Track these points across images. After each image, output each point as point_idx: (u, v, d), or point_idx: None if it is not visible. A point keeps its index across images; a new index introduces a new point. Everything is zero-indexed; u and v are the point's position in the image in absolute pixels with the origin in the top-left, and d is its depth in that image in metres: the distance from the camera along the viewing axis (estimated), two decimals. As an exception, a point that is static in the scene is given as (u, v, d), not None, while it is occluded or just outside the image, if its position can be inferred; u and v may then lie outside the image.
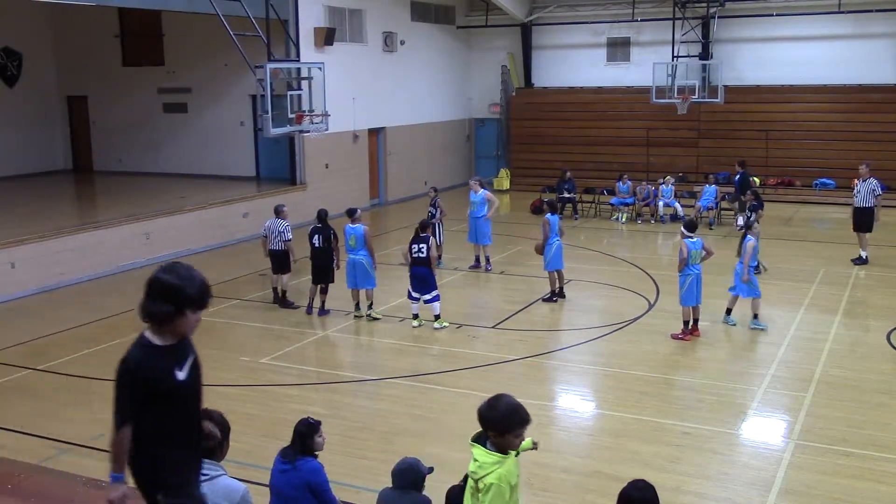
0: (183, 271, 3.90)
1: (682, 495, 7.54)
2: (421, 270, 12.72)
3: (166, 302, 3.81)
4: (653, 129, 26.25)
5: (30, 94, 25.63)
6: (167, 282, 3.83)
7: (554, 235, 13.92)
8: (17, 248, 15.20)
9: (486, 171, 28.54)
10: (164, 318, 3.83)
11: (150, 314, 3.85)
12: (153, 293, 3.83)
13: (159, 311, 3.82)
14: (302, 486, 5.44)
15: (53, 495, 6.58)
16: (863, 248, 16.61)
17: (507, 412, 4.33)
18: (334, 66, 19.16)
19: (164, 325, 3.87)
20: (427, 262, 12.68)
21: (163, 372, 3.89)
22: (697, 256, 12.04)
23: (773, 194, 24.88)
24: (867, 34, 24.56)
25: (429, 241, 12.73)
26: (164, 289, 3.82)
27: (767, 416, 9.53)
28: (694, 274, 12.01)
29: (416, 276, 12.77)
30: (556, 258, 14.00)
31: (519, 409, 4.35)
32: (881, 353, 11.53)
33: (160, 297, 3.82)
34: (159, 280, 3.85)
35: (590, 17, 27.41)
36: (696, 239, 12.13)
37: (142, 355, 3.87)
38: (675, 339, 12.10)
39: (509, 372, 10.93)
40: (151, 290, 3.84)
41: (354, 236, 13.09)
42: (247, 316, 13.76)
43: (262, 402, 10.01)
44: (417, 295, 12.81)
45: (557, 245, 13.97)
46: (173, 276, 3.86)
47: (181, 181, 23.58)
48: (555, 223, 13.99)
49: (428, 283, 12.76)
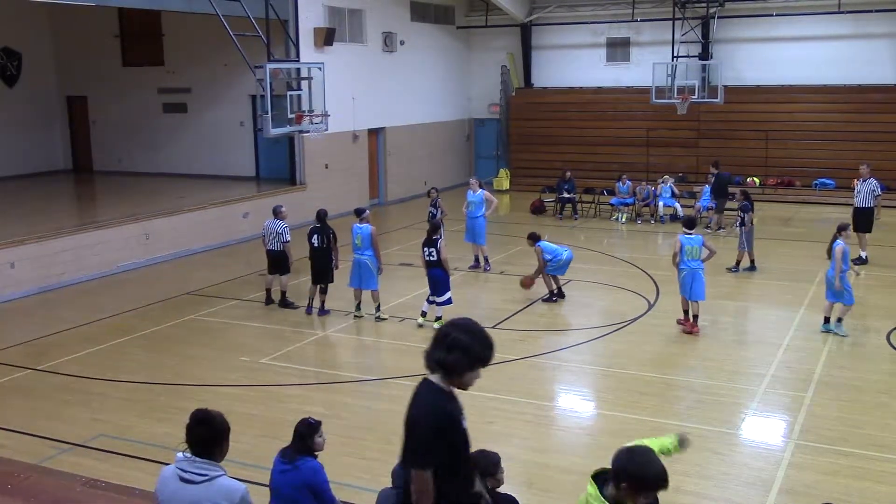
0: (476, 330, 4.18)
1: (681, 495, 7.54)
2: (435, 272, 12.66)
3: (464, 356, 4.09)
4: (653, 130, 26.26)
5: (30, 94, 25.63)
6: (462, 340, 4.10)
7: (556, 252, 13.93)
8: (17, 248, 15.20)
9: (485, 171, 28.53)
10: (460, 371, 4.12)
11: (445, 365, 4.12)
12: (449, 347, 4.09)
13: (457, 364, 4.10)
14: (302, 486, 5.44)
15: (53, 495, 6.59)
16: (863, 248, 16.61)
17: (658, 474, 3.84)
18: (334, 66, 19.16)
19: (454, 377, 4.15)
20: (439, 263, 12.63)
21: (459, 417, 4.24)
22: (694, 252, 12.18)
23: (772, 194, 24.93)
24: (867, 34, 24.56)
25: (438, 244, 12.65)
26: (458, 343, 4.09)
27: (767, 416, 9.53)
28: (689, 269, 12.16)
29: (430, 278, 12.71)
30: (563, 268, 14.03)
31: (664, 475, 3.87)
32: (881, 353, 11.53)
33: (456, 349, 4.08)
34: (454, 337, 4.10)
35: (589, 17, 27.41)
36: (694, 235, 12.30)
37: (448, 403, 4.19)
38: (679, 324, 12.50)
39: (509, 372, 10.92)
40: (447, 344, 4.10)
41: (361, 236, 13.09)
42: (247, 316, 13.76)
43: (262, 402, 10.00)
44: (433, 298, 12.78)
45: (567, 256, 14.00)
46: (466, 335, 4.12)
47: (181, 181, 23.59)
48: (547, 247, 14.01)
49: (440, 285, 12.67)
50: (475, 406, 9.82)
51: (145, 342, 12.46)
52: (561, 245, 14.41)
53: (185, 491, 4.23)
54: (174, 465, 4.32)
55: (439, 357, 4.11)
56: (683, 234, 12.31)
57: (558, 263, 13.91)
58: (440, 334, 4.16)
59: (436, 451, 4.10)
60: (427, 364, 4.20)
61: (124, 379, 10.83)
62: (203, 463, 4.25)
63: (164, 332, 12.92)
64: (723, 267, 16.12)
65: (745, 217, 16.00)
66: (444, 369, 4.12)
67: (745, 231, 15.94)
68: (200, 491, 4.21)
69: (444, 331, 4.15)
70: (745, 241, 15.96)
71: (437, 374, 4.17)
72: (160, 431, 9.00)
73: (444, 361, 4.09)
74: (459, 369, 4.10)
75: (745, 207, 16.23)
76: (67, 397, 10.26)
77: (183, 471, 4.26)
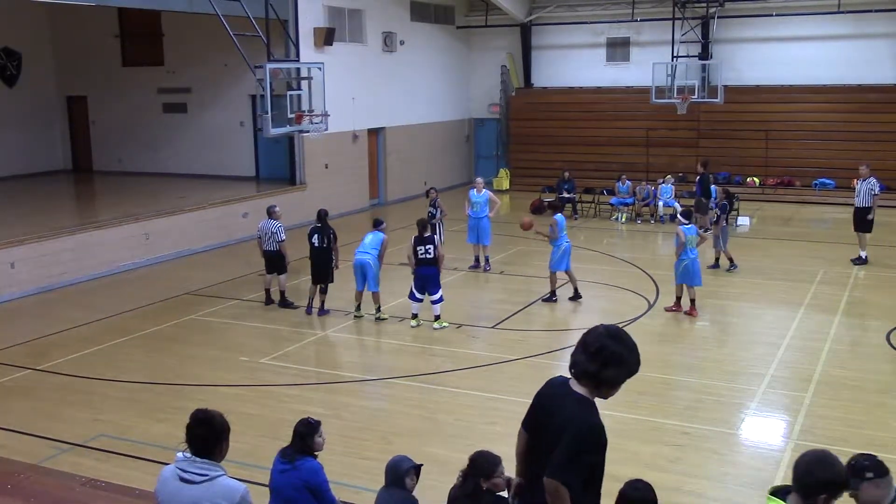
0: (630, 342, 4.09)
1: (681, 495, 7.54)
2: (429, 270, 12.69)
3: (621, 372, 4.03)
4: (652, 129, 26.26)
5: (29, 94, 25.63)
6: (619, 353, 4.02)
7: (563, 236, 13.93)
8: (17, 248, 15.20)
9: (485, 171, 28.51)
10: (614, 386, 4.08)
11: (600, 380, 4.04)
12: (605, 361, 4.00)
13: (615, 380, 4.05)
14: (301, 486, 5.44)
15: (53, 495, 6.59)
16: (862, 248, 16.61)
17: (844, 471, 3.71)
18: (334, 66, 19.15)
19: (603, 390, 4.09)
20: (435, 261, 12.67)
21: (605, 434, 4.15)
22: (693, 241, 13.15)
23: (772, 194, 24.94)
24: (867, 34, 24.57)
25: (434, 241, 12.72)
26: (615, 358, 4.01)
27: (767, 416, 9.53)
28: (690, 258, 13.07)
29: (424, 276, 12.73)
30: (563, 259, 13.99)
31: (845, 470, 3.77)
32: (881, 353, 11.53)
33: (612, 364, 4.00)
34: (612, 350, 4.02)
35: (589, 17, 27.41)
36: (690, 225, 13.33)
37: (599, 419, 4.10)
38: (669, 312, 13.31)
39: (509, 372, 10.93)
40: (603, 358, 4.00)
41: (372, 238, 13.18)
42: (246, 316, 13.76)
43: (261, 402, 10.00)
44: (421, 296, 12.78)
45: (566, 246, 13.98)
46: (623, 348, 4.04)
47: (181, 181, 23.59)
48: (562, 223, 14.03)
49: (434, 284, 12.75)
50: (476, 406, 9.85)
51: (145, 342, 12.46)
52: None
53: (185, 491, 4.23)
54: (174, 465, 4.32)
55: (593, 370, 4.02)
56: (683, 225, 13.17)
57: (560, 250, 13.89)
58: (595, 347, 4.03)
59: (583, 466, 4.03)
60: (574, 372, 4.11)
61: (124, 379, 10.83)
62: (203, 463, 4.25)
63: (164, 332, 12.93)
64: (722, 268, 16.15)
65: (722, 216, 16.11)
66: (596, 382, 4.06)
67: (721, 229, 16.00)
68: (200, 491, 4.20)
69: (600, 343, 4.03)
70: (721, 239, 16.00)
71: (582, 383, 4.10)
72: (160, 431, 9.01)
73: (598, 375, 4.02)
74: (614, 385, 4.07)
75: (723, 207, 16.34)
76: (67, 397, 10.27)
77: (183, 471, 4.26)
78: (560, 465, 3.98)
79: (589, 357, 4.03)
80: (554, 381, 4.33)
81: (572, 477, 3.97)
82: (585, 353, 4.05)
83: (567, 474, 3.97)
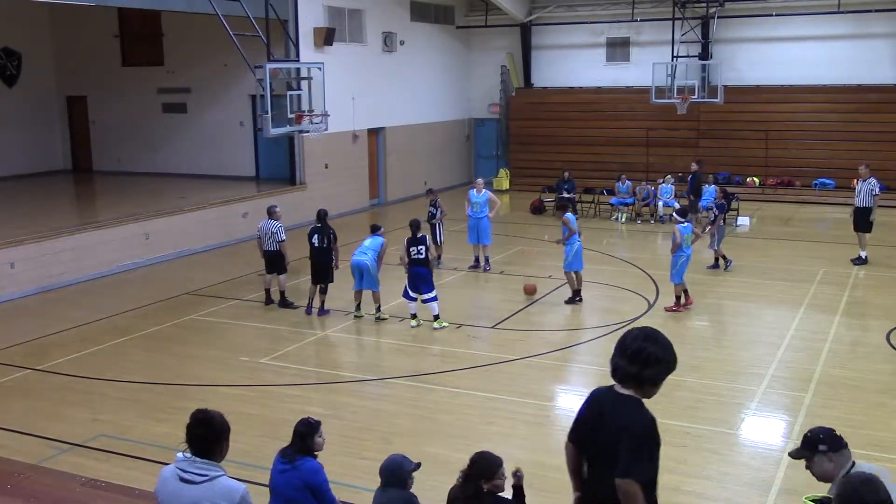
0: (665, 341, 4.23)
1: (681, 495, 7.54)
2: (421, 270, 12.75)
3: (662, 370, 4.19)
4: (652, 129, 26.26)
5: (29, 94, 25.62)
6: (656, 353, 4.17)
7: (575, 235, 13.95)
8: (17, 248, 15.20)
9: (485, 171, 28.52)
10: (657, 383, 4.23)
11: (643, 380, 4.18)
12: (645, 362, 4.15)
13: (657, 378, 4.20)
14: (301, 486, 5.44)
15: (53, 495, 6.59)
16: (862, 248, 16.61)
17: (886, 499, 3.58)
18: (334, 66, 19.15)
19: (646, 388, 4.23)
20: (426, 262, 12.72)
21: None
22: (689, 239, 13.38)
23: (772, 194, 24.94)
24: (866, 34, 24.57)
25: (426, 242, 12.78)
26: (653, 358, 4.16)
27: (767, 416, 9.53)
28: (686, 255, 13.33)
29: (416, 275, 12.78)
30: (576, 258, 14.00)
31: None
32: (881, 353, 11.52)
33: (652, 365, 4.16)
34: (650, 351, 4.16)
35: (589, 17, 27.41)
36: (686, 224, 13.53)
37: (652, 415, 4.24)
38: (669, 312, 13.35)
39: (509, 372, 10.93)
40: (643, 359, 4.15)
41: (371, 240, 13.24)
42: (246, 316, 13.76)
43: (261, 402, 10.00)
44: (415, 295, 12.82)
45: (578, 245, 13.98)
46: (659, 348, 4.18)
47: (181, 181, 23.59)
48: (574, 221, 14.07)
49: (426, 283, 12.79)
50: (475, 406, 9.85)
51: (145, 342, 12.46)
52: None
53: (185, 491, 4.23)
54: (174, 465, 4.31)
55: (634, 372, 4.16)
56: (679, 224, 13.40)
57: (573, 249, 13.89)
58: (632, 349, 4.18)
59: (650, 462, 4.15)
60: (617, 377, 4.24)
61: (124, 379, 10.83)
62: (203, 463, 4.25)
63: (164, 332, 12.93)
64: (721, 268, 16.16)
65: (720, 216, 16.15)
66: (638, 383, 4.19)
67: (718, 229, 16.02)
68: (200, 491, 4.20)
69: (637, 346, 4.17)
70: (717, 238, 16.01)
71: (626, 386, 4.22)
72: (160, 431, 9.01)
73: (639, 376, 4.16)
74: (655, 383, 4.21)
75: (721, 207, 16.39)
76: (67, 397, 10.27)
77: (183, 471, 4.26)
78: (629, 465, 4.09)
79: (628, 360, 4.18)
80: (599, 390, 4.50)
81: (644, 474, 4.10)
82: (624, 357, 4.20)
83: (638, 473, 4.09)
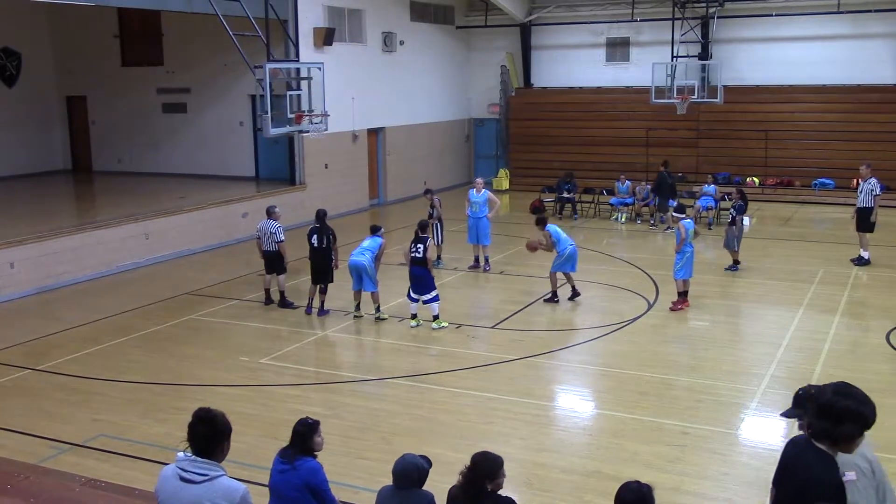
0: (859, 394, 4.24)
1: (681, 495, 7.54)
2: (418, 270, 12.75)
3: (855, 425, 4.15)
4: (652, 129, 26.26)
5: (29, 94, 25.63)
6: (850, 408, 4.14)
7: (563, 242, 13.90)
8: (17, 248, 15.20)
9: (485, 171, 28.51)
10: (852, 440, 4.18)
11: (836, 437, 4.14)
12: (838, 418, 4.12)
13: (851, 436, 4.16)
14: (301, 486, 5.44)
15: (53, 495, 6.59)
16: (863, 248, 16.60)
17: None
18: (334, 66, 19.16)
19: (841, 445, 4.18)
20: (424, 262, 12.71)
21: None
22: (692, 235, 13.43)
23: (772, 194, 24.94)
24: (866, 34, 24.57)
25: (427, 242, 12.77)
26: (850, 414, 4.13)
27: (767, 416, 9.52)
28: (690, 251, 13.32)
29: (412, 276, 12.80)
30: (565, 263, 13.95)
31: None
32: (881, 353, 11.52)
33: (847, 420, 4.12)
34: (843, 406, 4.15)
35: (589, 17, 27.41)
36: (689, 220, 13.62)
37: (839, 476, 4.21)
38: (675, 311, 13.29)
39: (509, 372, 10.93)
40: (835, 415, 4.12)
41: (370, 241, 13.24)
42: (246, 316, 13.76)
43: (261, 402, 10.01)
44: (417, 296, 12.82)
45: (571, 250, 13.91)
46: (853, 401, 4.17)
47: (181, 181, 23.59)
48: (556, 233, 13.98)
49: (426, 284, 12.78)
50: (475, 406, 9.85)
51: (145, 342, 12.46)
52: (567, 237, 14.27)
53: (186, 491, 4.23)
54: (174, 465, 4.32)
55: (826, 428, 4.13)
56: (684, 220, 13.38)
57: (564, 255, 13.87)
58: (823, 404, 4.16)
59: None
60: (811, 433, 4.22)
61: (124, 379, 10.84)
62: (203, 463, 4.25)
63: (164, 332, 12.93)
64: (720, 268, 16.17)
65: (738, 217, 16.15)
66: (832, 439, 4.16)
67: (737, 230, 16.01)
68: (200, 491, 4.21)
69: (828, 400, 4.15)
70: (735, 239, 16.01)
71: (821, 442, 4.19)
72: (160, 431, 9.01)
73: (834, 433, 4.13)
74: (852, 439, 4.16)
75: (739, 208, 16.38)
76: (67, 397, 10.27)
77: (183, 470, 4.26)
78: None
79: (818, 416, 4.18)
80: (797, 439, 4.49)
81: None
82: (816, 414, 4.20)
83: None
